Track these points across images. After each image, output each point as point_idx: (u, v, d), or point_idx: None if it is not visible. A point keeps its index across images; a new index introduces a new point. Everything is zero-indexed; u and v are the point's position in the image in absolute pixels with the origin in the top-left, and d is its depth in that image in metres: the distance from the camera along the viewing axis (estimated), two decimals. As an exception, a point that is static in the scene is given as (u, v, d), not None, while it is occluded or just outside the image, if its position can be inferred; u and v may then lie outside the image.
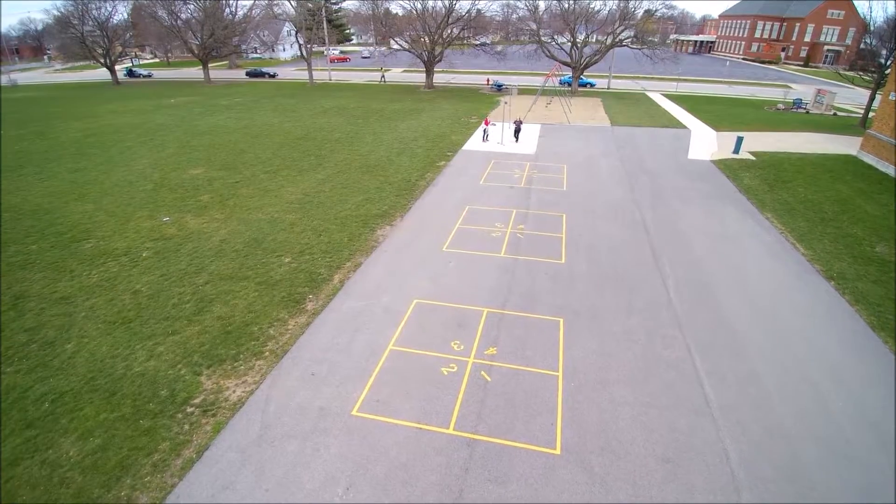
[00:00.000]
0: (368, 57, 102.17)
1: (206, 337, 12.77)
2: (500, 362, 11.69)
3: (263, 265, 16.11)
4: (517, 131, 32.16)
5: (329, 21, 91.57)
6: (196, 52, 65.65)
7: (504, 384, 11.02)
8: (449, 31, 58.46)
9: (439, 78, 68.62)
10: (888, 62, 37.30)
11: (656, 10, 55.50)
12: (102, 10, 63.89)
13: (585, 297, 14.53)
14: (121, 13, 70.67)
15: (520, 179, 25.05)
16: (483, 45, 71.63)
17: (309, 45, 64.50)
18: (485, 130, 33.38)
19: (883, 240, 18.51)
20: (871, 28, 47.36)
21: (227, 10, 68.72)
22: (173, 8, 65.15)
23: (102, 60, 64.34)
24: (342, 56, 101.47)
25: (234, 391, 10.86)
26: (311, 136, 33.96)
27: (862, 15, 56.83)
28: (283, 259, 16.49)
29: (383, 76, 67.39)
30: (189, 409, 10.32)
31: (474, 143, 32.67)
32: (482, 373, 11.35)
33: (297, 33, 63.47)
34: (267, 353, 12.15)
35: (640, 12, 54.27)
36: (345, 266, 16.09)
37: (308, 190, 23.11)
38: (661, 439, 9.70)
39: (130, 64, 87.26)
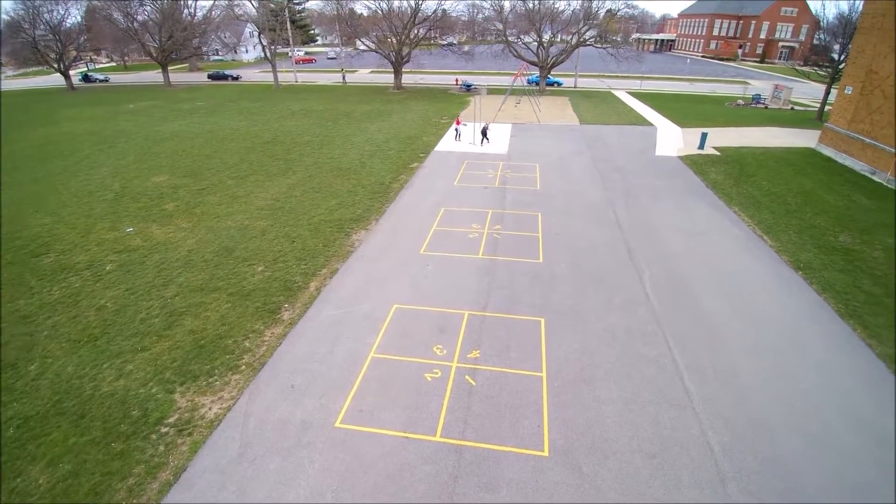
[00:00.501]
0: (335, 58, 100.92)
1: (178, 352, 12.28)
2: (484, 365, 11.60)
3: (235, 275, 15.62)
4: (484, 133, 32.04)
5: (293, 22, 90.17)
6: (154, 54, 63.61)
7: (489, 388, 10.93)
8: (416, 32, 58.25)
9: (408, 79, 68.34)
10: (841, 57, 38.91)
11: (618, 10, 56.52)
12: (55, 14, 61.18)
13: (565, 296, 14.59)
14: (74, 16, 67.93)
15: (494, 180, 25.07)
16: (451, 45, 71.85)
17: (273, 47, 63.27)
18: (457, 130, 33.35)
19: (846, 229, 19.21)
20: (823, 25, 49.49)
21: (186, 10, 66.85)
22: (129, 10, 62.92)
23: (56, 66, 61.65)
24: (308, 57, 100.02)
25: (210, 408, 10.45)
26: (280, 140, 33.26)
27: (814, 12, 59.24)
28: (256, 268, 16.02)
29: (344, 77, 66.75)
30: (163, 430, 9.87)
31: (446, 143, 32.59)
32: (466, 377, 11.24)
33: (259, 34, 61.99)
34: (243, 366, 11.76)
35: (602, 12, 55.19)
36: (321, 273, 15.74)
37: (278, 195, 22.58)
38: (646, 435, 9.77)
39: (86, 68, 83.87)
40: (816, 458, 9.32)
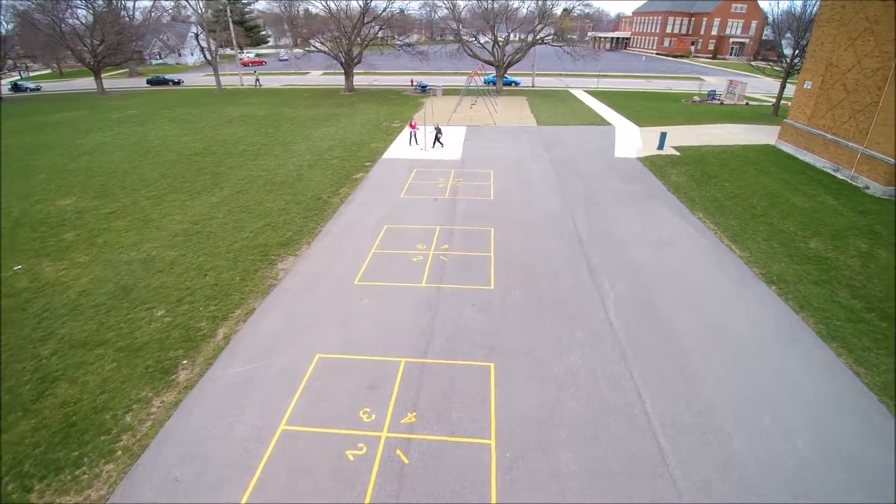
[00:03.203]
0: (286, 59, 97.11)
1: (44, 434, 9.73)
2: (420, 433, 9.51)
3: (128, 322, 13.03)
4: (437, 138, 29.97)
5: (241, 23, 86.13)
6: (86, 60, 58.87)
7: (425, 466, 8.84)
8: (368, 31, 55.73)
9: (362, 80, 65.82)
10: (795, 52, 38.68)
11: (573, 8, 55.46)
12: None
13: (518, 331, 12.67)
14: (4, 23, 62.22)
15: (444, 190, 23.04)
16: (406, 45, 69.43)
17: (215, 49, 59.61)
18: (411, 134, 31.22)
19: (816, 234, 18.03)
20: (771, 21, 49.66)
21: (124, 12, 62.27)
22: (55, 13, 57.93)
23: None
24: (257, 59, 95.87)
25: (60, 521, 8.00)
26: (211, 151, 30.34)
27: (764, 10, 59.77)
28: (155, 312, 13.46)
29: (257, 80, 63.71)
30: (-14, 562, 7.39)
31: (396, 150, 30.40)
32: (398, 451, 9.12)
33: (197, 36, 58.13)
34: (120, 451, 9.32)
35: (558, 10, 54.03)
36: (233, 315, 13.32)
37: (198, 217, 19.91)
38: (616, 523, 7.89)
39: (18, 76, 77.56)
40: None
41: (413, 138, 31.16)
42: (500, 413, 9.98)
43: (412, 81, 61.21)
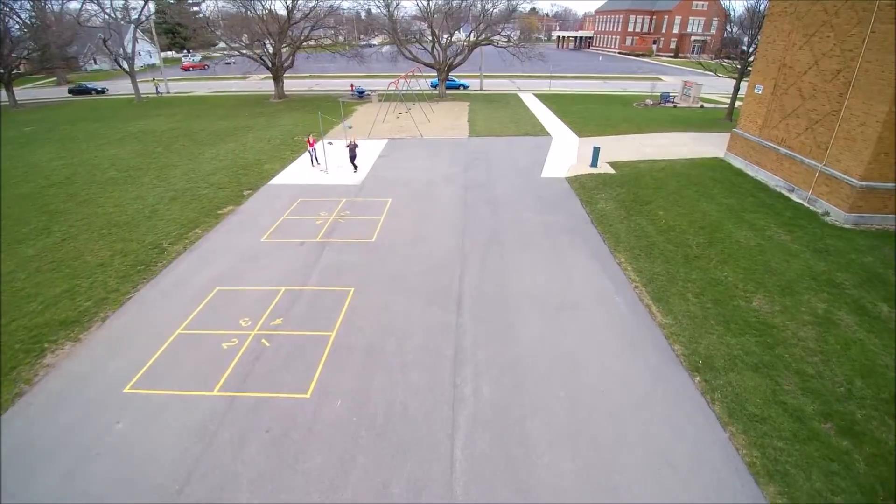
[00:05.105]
0: (233, 63, 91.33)
1: None
2: None
3: None
4: (353, 157, 25.38)
5: (162, 24, 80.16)
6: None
7: None
8: (300, 33, 50.89)
9: (302, 85, 61.20)
10: (750, 49, 35.43)
11: (515, 7, 51.46)
12: None
13: (309, 483, 8.42)
14: None
15: (320, 228, 18.71)
16: (365, 47, 64.57)
17: (131, 54, 54.19)
18: (311, 153, 26.76)
19: (760, 286, 14.21)
20: (732, 17, 46.68)
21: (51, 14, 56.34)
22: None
23: None
24: (200, 63, 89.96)
25: None
26: (73, 180, 25.40)
27: (724, 6, 57.04)
28: None
29: (157, 88, 58.81)
30: None
31: (293, 172, 25.95)
32: None
33: (105, 41, 52.45)
34: None
35: (495, 10, 49.94)
36: None
37: (-18, 281, 15.21)
38: None
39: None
40: None
41: (313, 158, 26.75)
42: None
43: (352, 86, 56.67)
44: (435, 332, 12.44)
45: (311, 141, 26.79)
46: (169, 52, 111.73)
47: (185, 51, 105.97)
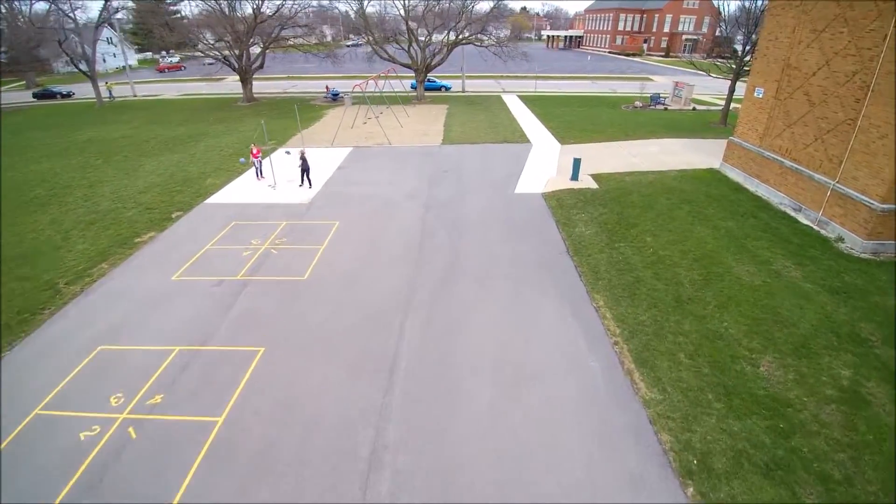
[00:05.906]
0: (212, 63, 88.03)
1: None
2: None
3: None
4: (305, 171, 22.33)
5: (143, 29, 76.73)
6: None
7: None
8: (270, 32, 47.90)
9: (275, 86, 58.21)
10: (745, 48, 32.79)
11: (498, 5, 48.64)
12: None
13: None
14: None
15: (246, 262, 15.79)
16: (325, 46, 61.64)
17: (92, 57, 50.94)
18: (255, 166, 23.87)
19: (769, 343, 11.44)
20: (724, 15, 44.12)
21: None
22: None
23: None
24: (176, 64, 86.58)
25: None
26: (-13, 200, 22.33)
27: (716, 5, 54.53)
28: None
29: (110, 92, 54.28)
30: None
31: (237, 187, 22.99)
32: None
33: (60, 43, 49.11)
34: None
35: (475, 7, 47.18)
36: None
37: None
38: None
39: None
40: None
41: (258, 171, 23.82)
42: None
43: (327, 88, 53.63)
44: (352, 420, 9.55)
45: (256, 151, 23.82)
46: (147, 54, 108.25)
47: (161, 52, 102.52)
